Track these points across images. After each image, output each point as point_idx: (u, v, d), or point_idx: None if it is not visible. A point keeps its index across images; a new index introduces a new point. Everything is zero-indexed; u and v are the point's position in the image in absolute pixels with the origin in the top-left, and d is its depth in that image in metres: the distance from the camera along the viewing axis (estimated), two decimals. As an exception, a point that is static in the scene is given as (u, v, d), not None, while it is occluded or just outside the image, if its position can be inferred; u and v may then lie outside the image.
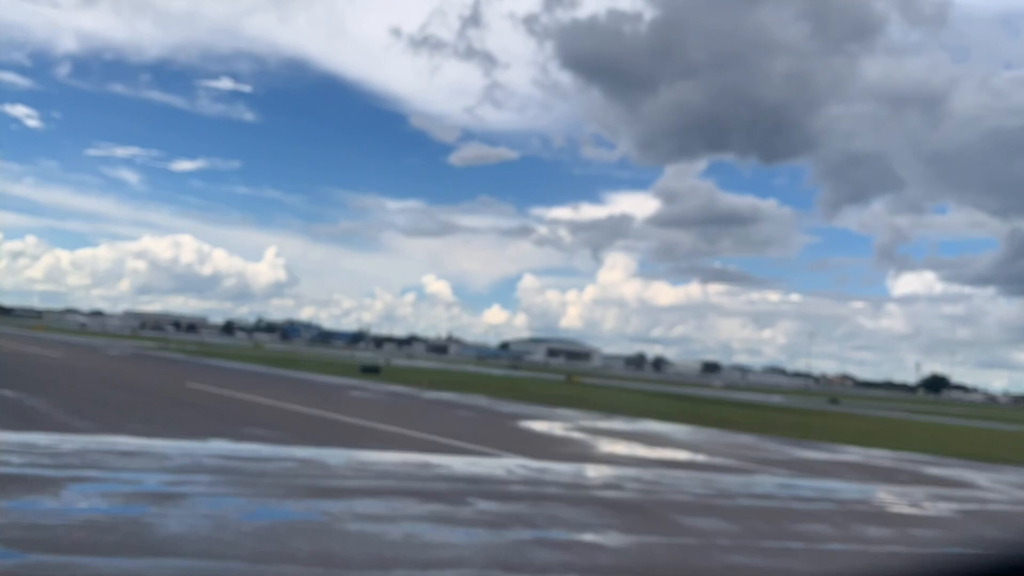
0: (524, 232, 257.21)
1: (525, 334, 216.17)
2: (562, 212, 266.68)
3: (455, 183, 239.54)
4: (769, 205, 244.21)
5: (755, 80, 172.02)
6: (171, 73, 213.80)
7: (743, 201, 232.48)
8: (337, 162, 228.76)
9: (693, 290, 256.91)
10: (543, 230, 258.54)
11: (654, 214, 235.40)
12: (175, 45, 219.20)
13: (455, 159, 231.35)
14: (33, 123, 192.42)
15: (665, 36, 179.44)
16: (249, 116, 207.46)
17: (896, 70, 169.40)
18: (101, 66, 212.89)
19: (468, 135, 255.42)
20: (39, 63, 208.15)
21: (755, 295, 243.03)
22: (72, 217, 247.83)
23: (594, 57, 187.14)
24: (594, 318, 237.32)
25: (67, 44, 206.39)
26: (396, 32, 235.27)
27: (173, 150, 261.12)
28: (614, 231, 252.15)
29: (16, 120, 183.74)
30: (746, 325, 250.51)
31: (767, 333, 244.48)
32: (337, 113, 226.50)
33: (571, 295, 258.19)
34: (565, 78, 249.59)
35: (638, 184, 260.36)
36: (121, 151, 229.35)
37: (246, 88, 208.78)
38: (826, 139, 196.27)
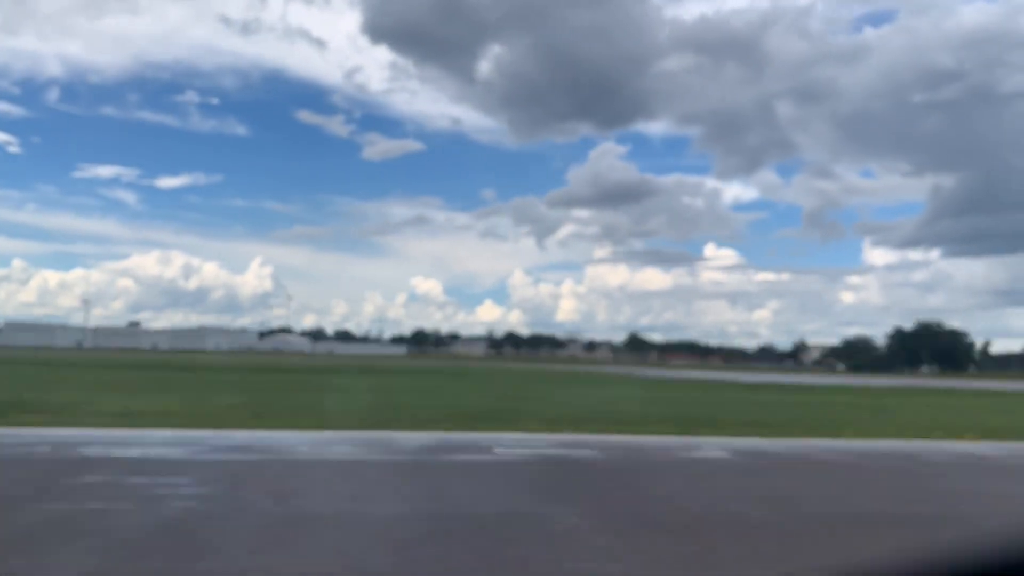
0: (466, 227, 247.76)
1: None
2: (483, 201, 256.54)
3: (377, 179, 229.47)
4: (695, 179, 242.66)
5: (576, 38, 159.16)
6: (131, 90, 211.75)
7: (667, 177, 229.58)
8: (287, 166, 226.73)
9: (647, 274, 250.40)
10: (479, 223, 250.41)
11: (568, 196, 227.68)
12: (126, 63, 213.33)
13: (368, 154, 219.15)
14: (14, 149, 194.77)
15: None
16: (224, 128, 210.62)
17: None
18: (63, 89, 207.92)
19: (364, 127, 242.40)
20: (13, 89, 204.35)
21: (710, 274, 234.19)
22: (63, 239, 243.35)
23: (398, 27, 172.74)
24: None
25: (40, 69, 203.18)
26: (225, 20, 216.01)
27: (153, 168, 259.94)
28: (545, 217, 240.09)
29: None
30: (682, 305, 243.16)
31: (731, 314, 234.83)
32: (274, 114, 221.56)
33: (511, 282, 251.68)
34: (385, 54, 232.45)
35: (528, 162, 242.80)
36: (105, 171, 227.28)
37: (214, 100, 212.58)
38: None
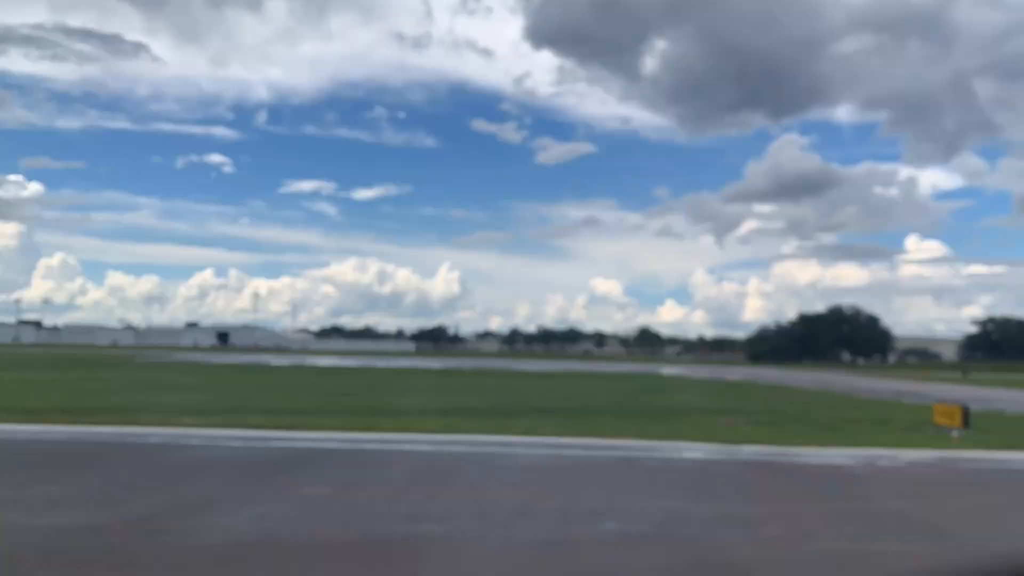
0: (641, 227, 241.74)
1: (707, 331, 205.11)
2: (655, 200, 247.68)
3: (552, 182, 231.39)
4: (886, 167, 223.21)
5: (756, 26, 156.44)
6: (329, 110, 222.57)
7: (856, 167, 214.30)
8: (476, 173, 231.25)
9: (841, 269, 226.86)
10: (653, 223, 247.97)
11: (751, 189, 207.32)
12: (323, 84, 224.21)
13: (542, 159, 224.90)
14: (228, 169, 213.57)
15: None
16: (412, 141, 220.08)
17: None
18: (269, 112, 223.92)
19: (536, 132, 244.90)
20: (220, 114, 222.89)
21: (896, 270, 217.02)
22: (272, 250, 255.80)
23: (559, 30, 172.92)
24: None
25: (248, 95, 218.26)
26: (399, 36, 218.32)
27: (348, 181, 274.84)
28: (722, 213, 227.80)
29: (215, 167, 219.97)
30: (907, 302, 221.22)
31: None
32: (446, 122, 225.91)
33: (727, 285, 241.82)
34: (550, 59, 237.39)
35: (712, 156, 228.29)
36: (307, 185, 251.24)
37: (401, 114, 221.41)
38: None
